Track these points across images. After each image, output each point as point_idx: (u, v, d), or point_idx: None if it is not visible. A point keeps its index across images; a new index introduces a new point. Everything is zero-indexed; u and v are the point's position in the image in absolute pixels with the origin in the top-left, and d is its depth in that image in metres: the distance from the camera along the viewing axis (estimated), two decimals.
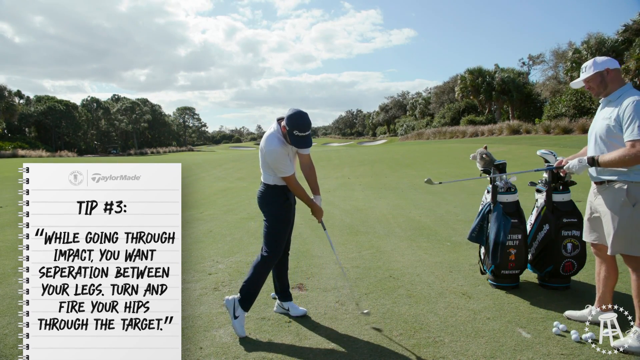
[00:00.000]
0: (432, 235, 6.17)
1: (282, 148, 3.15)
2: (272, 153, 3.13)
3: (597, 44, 33.84)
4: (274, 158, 3.13)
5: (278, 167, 3.16)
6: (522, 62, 52.29)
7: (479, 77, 45.43)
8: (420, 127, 59.90)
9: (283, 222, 3.30)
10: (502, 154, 18.72)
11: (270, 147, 3.13)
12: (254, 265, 3.28)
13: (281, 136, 3.16)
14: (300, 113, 3.03)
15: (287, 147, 3.18)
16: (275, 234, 3.27)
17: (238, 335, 3.15)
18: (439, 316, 3.43)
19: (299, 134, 3.02)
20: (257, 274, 3.26)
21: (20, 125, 69.00)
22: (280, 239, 3.29)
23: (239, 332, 3.16)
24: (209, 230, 6.87)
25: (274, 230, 3.27)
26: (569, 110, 31.79)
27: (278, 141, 3.14)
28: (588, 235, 3.24)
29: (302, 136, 3.03)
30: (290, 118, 3.02)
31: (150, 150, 78.16)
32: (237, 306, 3.21)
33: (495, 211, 3.86)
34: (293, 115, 3.02)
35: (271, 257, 3.25)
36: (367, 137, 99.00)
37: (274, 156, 3.13)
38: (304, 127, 3.03)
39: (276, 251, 3.26)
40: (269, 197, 3.28)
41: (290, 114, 3.04)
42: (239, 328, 3.17)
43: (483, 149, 4.25)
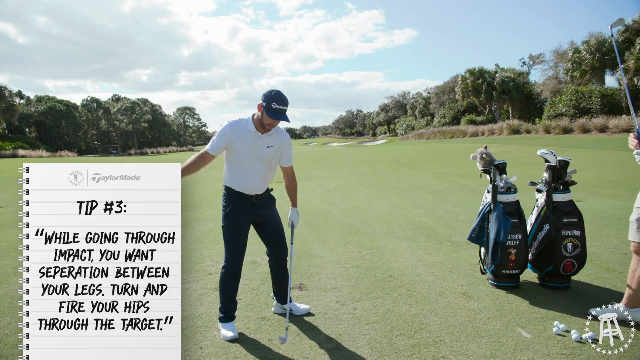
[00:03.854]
0: (432, 235, 6.17)
1: (230, 127, 3.07)
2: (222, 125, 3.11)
3: (598, 44, 33.83)
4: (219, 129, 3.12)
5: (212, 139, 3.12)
6: (523, 61, 52.38)
7: (479, 77, 45.42)
8: (420, 127, 59.93)
9: (229, 229, 3.19)
10: (502, 154, 18.71)
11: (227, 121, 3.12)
12: (219, 278, 3.26)
13: (250, 123, 3.08)
14: (278, 90, 3.02)
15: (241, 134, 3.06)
16: (227, 243, 3.20)
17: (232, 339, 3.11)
18: (439, 316, 3.43)
19: (277, 107, 2.94)
20: (221, 283, 3.24)
21: (21, 125, 69.08)
22: (232, 248, 3.18)
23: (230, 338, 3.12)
24: (209, 230, 6.87)
25: (225, 238, 3.21)
26: (569, 110, 31.79)
27: (236, 121, 3.10)
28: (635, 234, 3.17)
29: (280, 109, 2.95)
30: (269, 93, 2.97)
31: (150, 150, 78.22)
32: (219, 322, 3.25)
33: (495, 211, 3.86)
34: (271, 90, 3.00)
35: (228, 266, 3.20)
36: (367, 137, 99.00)
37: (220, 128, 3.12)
38: (281, 100, 2.96)
39: (231, 259, 3.18)
40: (222, 201, 3.25)
41: (268, 91, 3.01)
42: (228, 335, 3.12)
43: (483, 148, 4.25)
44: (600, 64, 34.28)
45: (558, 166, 3.99)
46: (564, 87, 38.76)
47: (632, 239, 3.19)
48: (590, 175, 11.66)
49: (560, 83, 41.92)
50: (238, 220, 3.20)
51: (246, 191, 3.18)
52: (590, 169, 13.16)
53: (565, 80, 40.24)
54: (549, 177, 3.98)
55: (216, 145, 3.06)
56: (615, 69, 34.03)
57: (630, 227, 3.19)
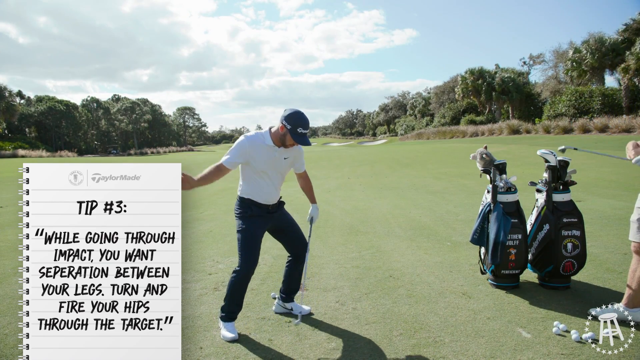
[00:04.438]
0: (432, 235, 6.17)
1: (249, 142, 3.09)
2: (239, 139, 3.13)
3: (598, 44, 33.84)
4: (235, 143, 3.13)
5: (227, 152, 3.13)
6: (523, 61, 52.40)
7: (479, 77, 45.43)
8: (420, 127, 59.93)
9: (248, 236, 3.19)
10: (502, 154, 18.72)
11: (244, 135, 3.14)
12: (229, 281, 3.24)
13: (267, 137, 3.12)
14: (301, 112, 3.06)
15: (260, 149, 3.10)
16: (241, 248, 3.19)
17: (232, 340, 3.11)
18: (439, 316, 3.43)
19: (303, 131, 3.02)
20: (230, 288, 3.22)
21: (21, 125, 69.06)
22: (247, 252, 3.19)
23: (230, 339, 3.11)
24: (209, 230, 6.87)
25: (240, 243, 3.20)
26: (569, 110, 31.80)
27: (253, 136, 3.14)
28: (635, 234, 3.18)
29: (304, 133, 3.04)
30: (293, 116, 3.01)
31: (150, 150, 78.14)
32: (219, 321, 3.25)
33: (495, 211, 3.86)
34: (295, 113, 3.03)
35: (240, 272, 3.18)
36: (367, 137, 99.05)
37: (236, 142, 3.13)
38: (306, 124, 3.04)
39: (245, 266, 3.17)
40: (236, 208, 3.26)
41: (291, 112, 3.03)
42: (229, 336, 3.12)
43: (483, 148, 4.25)
44: (599, 64, 34.29)
45: (558, 166, 4.00)
46: (564, 87, 38.78)
47: (632, 239, 3.19)
48: (590, 175, 11.64)
49: (560, 83, 41.95)
50: (255, 224, 3.22)
51: (264, 202, 3.24)
52: (590, 169, 13.17)
53: (565, 80, 40.26)
54: (548, 177, 3.98)
55: (233, 160, 3.10)
56: (615, 69, 34.02)
57: (631, 227, 3.20)
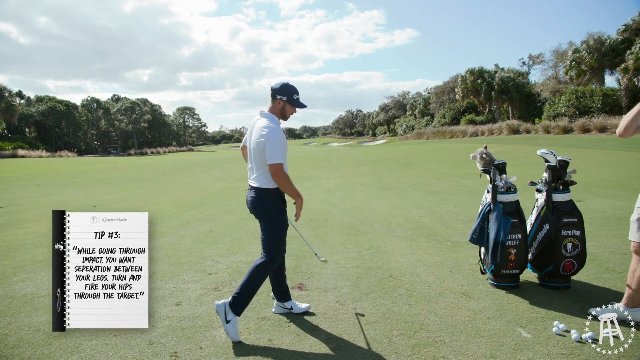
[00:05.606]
0: (432, 235, 6.17)
1: (281, 131, 3.17)
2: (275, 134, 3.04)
3: (597, 44, 33.85)
4: (275, 141, 3.03)
5: (275, 152, 3.02)
6: (522, 61, 52.43)
7: (479, 77, 45.44)
8: (420, 127, 59.92)
9: (282, 227, 3.24)
10: (502, 154, 18.72)
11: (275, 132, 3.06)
12: (251, 270, 3.19)
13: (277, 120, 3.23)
14: (286, 81, 3.28)
15: None
16: (277, 240, 3.21)
17: (232, 340, 3.08)
18: (439, 316, 3.43)
19: (298, 96, 3.24)
20: (255, 279, 3.18)
21: (21, 125, 69.09)
22: (281, 244, 3.25)
23: (233, 336, 3.07)
24: (209, 230, 6.87)
25: (275, 236, 3.20)
26: (568, 110, 31.81)
27: (278, 123, 3.21)
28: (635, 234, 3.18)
29: (299, 97, 3.25)
30: (284, 87, 3.20)
31: (150, 151, 77.78)
32: (228, 310, 3.11)
33: (495, 211, 3.86)
34: (284, 84, 3.23)
35: (272, 263, 3.21)
36: (367, 137, 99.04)
37: (276, 139, 3.03)
38: (296, 89, 3.26)
39: (277, 257, 3.24)
40: (266, 202, 3.20)
41: (280, 85, 3.22)
42: (232, 332, 3.08)
43: (483, 148, 4.25)
44: (599, 64, 34.31)
45: (558, 166, 4.00)
46: (563, 87, 38.80)
47: (632, 238, 3.19)
48: (590, 175, 11.66)
49: (560, 83, 41.96)
50: (285, 215, 3.31)
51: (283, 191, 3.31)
52: (590, 169, 13.17)
53: (565, 80, 40.27)
54: (548, 177, 3.98)
55: (284, 154, 3.14)
56: (615, 69, 34.04)
57: (631, 226, 3.20)
